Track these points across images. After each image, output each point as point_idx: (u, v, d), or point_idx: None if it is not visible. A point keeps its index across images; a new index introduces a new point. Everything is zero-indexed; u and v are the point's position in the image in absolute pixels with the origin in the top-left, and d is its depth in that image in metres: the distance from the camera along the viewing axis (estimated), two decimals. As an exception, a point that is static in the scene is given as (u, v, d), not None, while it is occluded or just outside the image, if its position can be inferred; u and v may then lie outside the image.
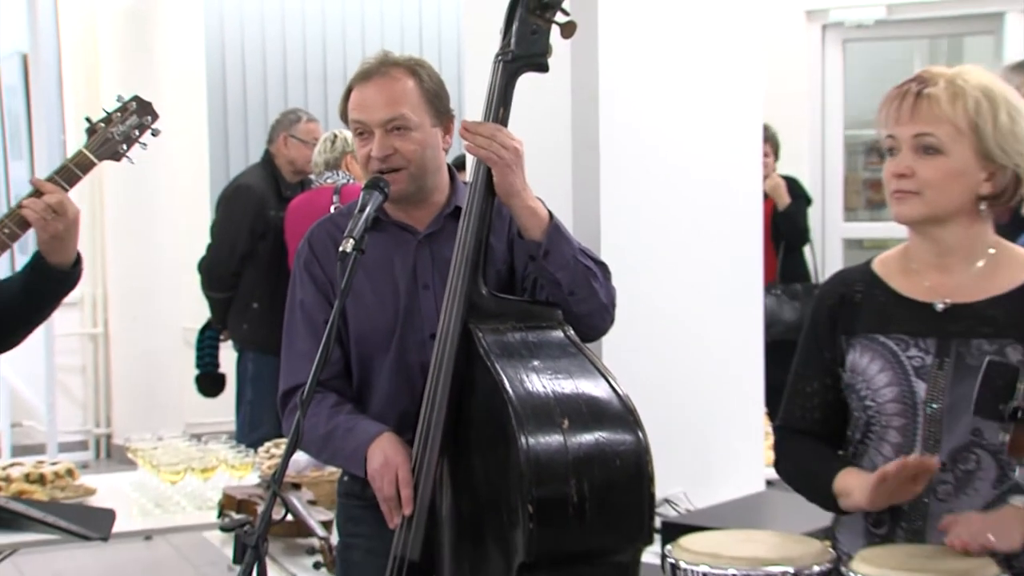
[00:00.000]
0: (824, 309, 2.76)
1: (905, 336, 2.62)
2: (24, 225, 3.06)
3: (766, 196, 7.67)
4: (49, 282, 3.15)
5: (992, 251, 2.65)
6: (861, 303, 2.70)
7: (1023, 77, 4.98)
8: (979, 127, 2.52)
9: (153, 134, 3.28)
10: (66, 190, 3.10)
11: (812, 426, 2.77)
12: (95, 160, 3.20)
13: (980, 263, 2.63)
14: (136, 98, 3.27)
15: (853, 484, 2.58)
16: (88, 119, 3.26)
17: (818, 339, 2.76)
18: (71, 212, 3.08)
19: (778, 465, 2.88)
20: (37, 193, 3.07)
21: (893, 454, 2.60)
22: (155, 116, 3.27)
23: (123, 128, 3.23)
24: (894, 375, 2.62)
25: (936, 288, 2.63)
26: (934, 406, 2.58)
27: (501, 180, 2.92)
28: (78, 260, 3.16)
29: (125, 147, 3.24)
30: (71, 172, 3.15)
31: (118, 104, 3.26)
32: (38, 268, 3.13)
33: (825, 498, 2.67)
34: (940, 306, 2.62)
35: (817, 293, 2.81)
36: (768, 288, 6.59)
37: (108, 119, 3.24)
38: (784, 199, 7.65)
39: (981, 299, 2.60)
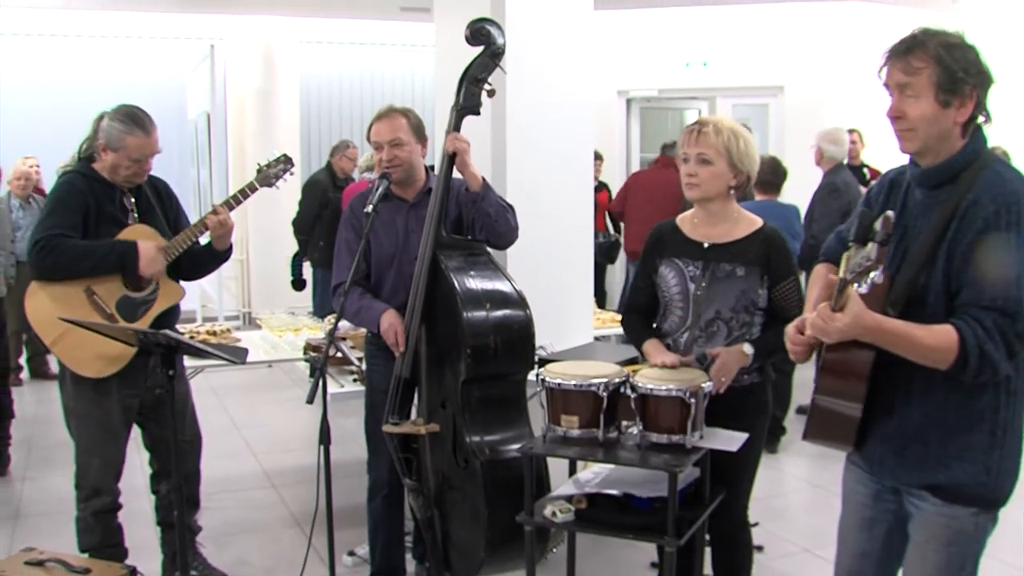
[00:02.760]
0: (649, 243, 2.68)
1: (687, 259, 2.57)
2: (204, 228, 3.01)
3: (602, 187, 7.68)
4: (215, 256, 3.12)
5: (736, 215, 2.60)
6: (667, 241, 2.63)
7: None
8: (729, 149, 2.49)
9: (291, 174, 3.21)
10: (231, 209, 3.02)
11: (640, 306, 2.71)
12: (258, 186, 3.13)
13: (729, 222, 2.58)
14: (284, 154, 3.21)
15: (651, 349, 2.58)
16: (259, 163, 3.20)
17: (644, 259, 2.69)
18: (229, 225, 3.03)
19: (624, 329, 2.79)
20: (214, 211, 3.01)
21: (679, 321, 2.57)
22: (292, 164, 3.20)
23: (275, 170, 3.18)
24: (679, 279, 2.57)
25: (705, 235, 2.58)
26: (697, 295, 2.53)
27: (460, 160, 2.81)
28: (230, 247, 3.13)
29: (275, 180, 3.18)
30: (244, 192, 3.08)
31: (274, 156, 3.20)
32: (210, 248, 3.09)
33: (640, 351, 2.65)
34: (706, 244, 2.57)
35: (647, 237, 2.71)
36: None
37: (268, 164, 3.18)
38: None
39: (727, 241, 2.55)
